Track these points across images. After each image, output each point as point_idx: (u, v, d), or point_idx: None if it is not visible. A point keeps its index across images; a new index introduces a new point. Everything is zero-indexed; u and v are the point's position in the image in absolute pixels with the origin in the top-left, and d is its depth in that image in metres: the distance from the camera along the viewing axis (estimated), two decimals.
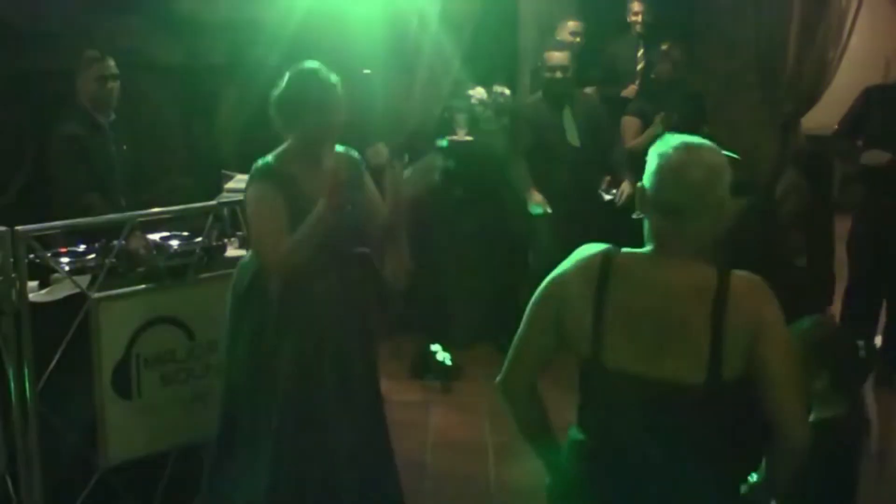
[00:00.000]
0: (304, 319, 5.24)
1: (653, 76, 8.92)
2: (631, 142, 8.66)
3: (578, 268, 3.50)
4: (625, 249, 3.48)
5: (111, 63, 6.62)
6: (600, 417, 3.51)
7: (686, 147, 3.33)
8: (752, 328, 3.26)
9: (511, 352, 3.61)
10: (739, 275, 3.34)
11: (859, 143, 7.98)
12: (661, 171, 3.35)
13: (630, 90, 9.61)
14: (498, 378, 3.64)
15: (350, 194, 5.09)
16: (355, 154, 5.49)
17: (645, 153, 3.44)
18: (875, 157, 7.61)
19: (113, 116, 6.68)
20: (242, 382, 5.36)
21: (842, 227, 8.34)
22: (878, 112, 7.85)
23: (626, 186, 8.51)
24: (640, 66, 9.85)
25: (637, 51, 9.83)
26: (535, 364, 3.62)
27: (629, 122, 8.74)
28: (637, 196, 3.45)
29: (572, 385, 3.56)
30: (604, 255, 3.45)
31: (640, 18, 9.99)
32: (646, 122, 8.62)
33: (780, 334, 3.33)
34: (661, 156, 3.36)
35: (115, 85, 6.67)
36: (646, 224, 3.47)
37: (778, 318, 3.33)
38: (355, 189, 5.28)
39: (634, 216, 3.89)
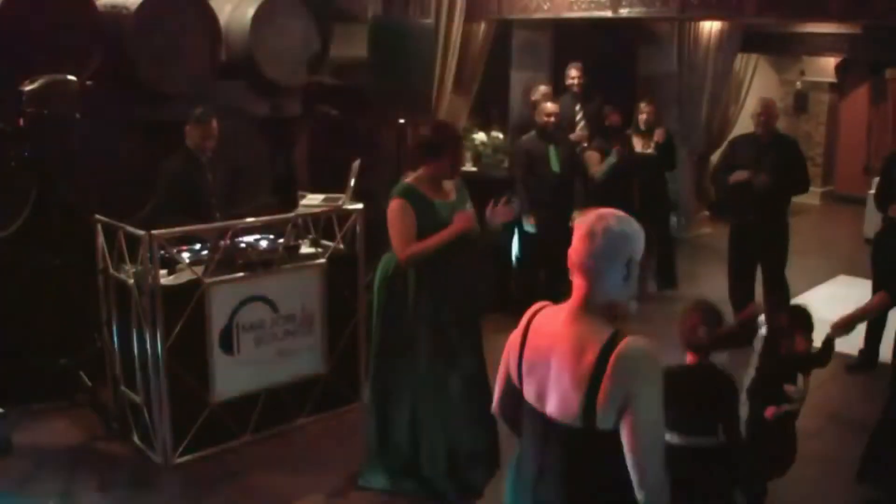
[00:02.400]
0: (435, 294, 5.22)
1: (607, 124, 8.87)
2: (594, 168, 8.64)
3: (520, 323, 3.04)
4: (549, 307, 3.00)
5: (214, 125, 6.57)
6: (523, 438, 3.10)
7: (598, 217, 2.86)
8: (624, 392, 2.68)
9: (496, 385, 3.22)
10: (630, 340, 2.74)
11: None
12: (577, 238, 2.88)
13: (578, 136, 9.52)
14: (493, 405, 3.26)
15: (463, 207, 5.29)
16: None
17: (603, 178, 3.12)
18: (738, 175, 7.63)
19: (209, 154, 6.63)
20: (392, 344, 5.34)
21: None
22: (742, 151, 7.86)
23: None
24: (578, 117, 9.75)
25: (575, 106, 9.72)
26: (508, 393, 3.12)
27: (592, 156, 8.72)
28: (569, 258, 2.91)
29: None
30: (533, 311, 3.02)
31: (576, 81, 9.87)
32: (604, 155, 8.60)
33: (645, 406, 2.70)
34: (578, 227, 2.89)
35: (213, 143, 6.62)
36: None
37: (648, 390, 2.71)
38: (464, 203, 5.37)
39: None
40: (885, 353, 7.45)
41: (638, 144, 8.96)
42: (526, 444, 3.06)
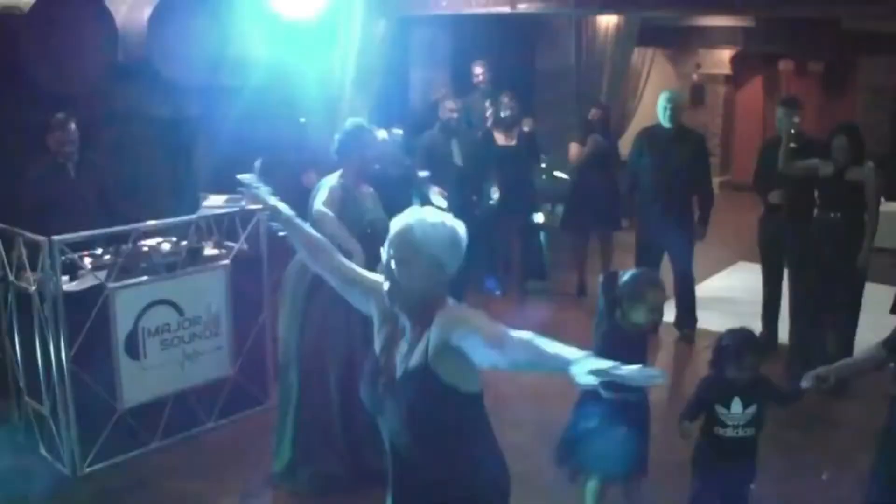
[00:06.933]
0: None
1: (589, 118, 9.15)
2: (573, 156, 9.25)
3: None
4: None
5: (71, 128, 6.49)
6: None
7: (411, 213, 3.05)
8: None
9: None
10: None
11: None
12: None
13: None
14: None
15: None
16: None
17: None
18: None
19: (75, 158, 6.58)
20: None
21: None
22: (646, 142, 8.22)
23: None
24: (489, 112, 9.87)
25: (485, 101, 9.88)
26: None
27: (573, 146, 9.25)
28: None
29: None
30: None
31: (481, 77, 10.04)
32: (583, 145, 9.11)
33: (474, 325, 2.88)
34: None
35: (71, 147, 6.54)
36: None
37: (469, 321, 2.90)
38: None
39: None
40: (783, 336, 7.86)
41: (500, 138, 9.20)
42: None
